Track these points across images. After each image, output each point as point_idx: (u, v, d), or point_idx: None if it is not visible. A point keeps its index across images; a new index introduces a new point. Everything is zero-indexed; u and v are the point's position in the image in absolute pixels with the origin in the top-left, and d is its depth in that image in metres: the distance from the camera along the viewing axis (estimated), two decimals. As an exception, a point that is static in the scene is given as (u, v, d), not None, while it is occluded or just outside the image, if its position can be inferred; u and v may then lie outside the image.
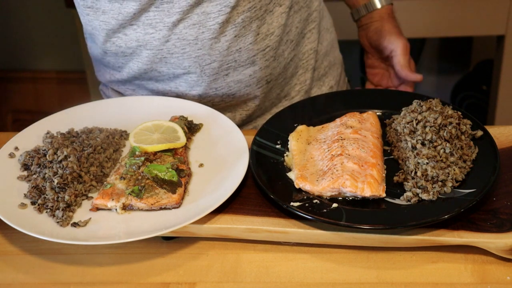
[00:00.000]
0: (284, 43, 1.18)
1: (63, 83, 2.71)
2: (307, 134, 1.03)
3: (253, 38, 1.12)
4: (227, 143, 1.03)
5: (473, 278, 0.85)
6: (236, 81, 1.15)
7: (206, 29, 1.09)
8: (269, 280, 0.86)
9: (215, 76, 1.14)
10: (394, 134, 1.03)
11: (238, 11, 1.09)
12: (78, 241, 0.86)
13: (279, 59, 1.18)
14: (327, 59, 1.31)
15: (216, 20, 1.08)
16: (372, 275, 0.86)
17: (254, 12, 1.10)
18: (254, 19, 1.11)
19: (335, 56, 1.34)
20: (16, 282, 0.88)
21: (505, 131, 1.05)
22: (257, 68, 1.15)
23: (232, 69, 1.14)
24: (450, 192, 0.91)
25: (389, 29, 1.26)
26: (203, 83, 1.13)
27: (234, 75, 1.15)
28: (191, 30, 1.09)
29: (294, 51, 1.21)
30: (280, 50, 1.18)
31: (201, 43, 1.10)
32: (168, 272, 0.89)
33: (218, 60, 1.12)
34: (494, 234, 0.86)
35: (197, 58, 1.11)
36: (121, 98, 1.19)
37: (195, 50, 1.10)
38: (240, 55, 1.13)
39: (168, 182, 0.94)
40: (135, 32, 1.11)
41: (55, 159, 0.97)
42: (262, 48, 1.14)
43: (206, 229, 0.91)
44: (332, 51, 1.32)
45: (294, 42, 1.20)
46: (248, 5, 1.09)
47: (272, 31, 1.14)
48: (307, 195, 0.92)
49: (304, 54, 1.24)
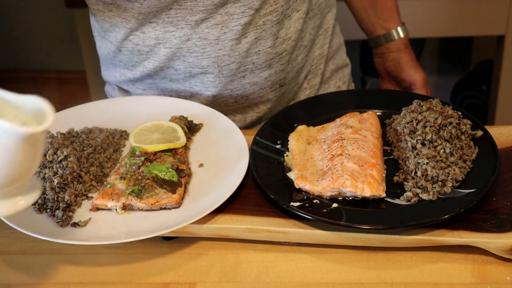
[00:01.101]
0: (298, 48, 1.19)
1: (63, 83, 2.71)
2: (307, 134, 1.03)
3: (272, 42, 1.13)
4: (227, 143, 1.03)
5: (473, 278, 0.85)
6: (251, 83, 1.16)
7: (228, 30, 1.09)
8: (269, 280, 0.86)
9: (232, 77, 1.14)
10: (394, 134, 1.03)
11: (260, 14, 1.09)
12: (78, 241, 0.86)
13: (293, 64, 1.19)
14: (334, 63, 1.31)
15: (239, 21, 1.08)
16: (372, 275, 0.86)
17: (276, 16, 1.11)
18: (275, 23, 1.12)
19: (342, 59, 1.35)
20: (16, 282, 0.88)
21: (505, 131, 1.05)
22: (273, 71, 1.16)
23: (249, 71, 1.14)
24: (450, 192, 0.91)
25: (407, 61, 1.30)
26: (219, 84, 1.14)
27: (250, 77, 1.15)
28: (214, 30, 1.09)
29: (307, 56, 1.22)
30: (294, 55, 1.18)
31: (222, 43, 1.10)
32: (168, 272, 0.89)
33: (236, 62, 1.12)
34: (494, 234, 0.86)
35: (217, 58, 1.11)
36: (121, 98, 1.19)
37: (215, 50, 1.11)
38: (258, 57, 1.13)
39: (168, 182, 0.94)
40: (154, 30, 1.10)
41: (55, 159, 0.97)
42: (279, 52, 1.15)
43: (206, 229, 0.91)
44: (339, 55, 1.33)
45: (307, 48, 1.21)
46: (270, 8, 1.10)
47: (290, 36, 1.15)
48: (307, 195, 0.92)
49: (314, 60, 1.25)
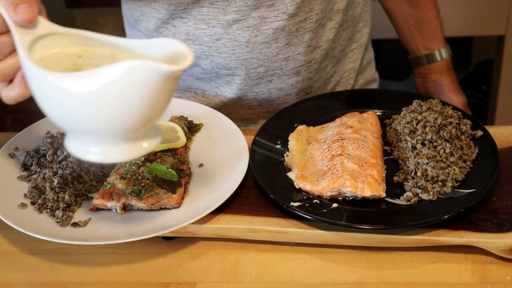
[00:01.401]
0: (328, 58, 1.19)
1: (63, 83, 2.71)
2: (307, 134, 1.03)
3: (303, 49, 1.13)
4: (227, 143, 1.03)
5: (473, 278, 0.85)
6: (277, 88, 1.16)
7: (259, 33, 1.08)
8: (269, 280, 0.86)
9: (258, 80, 1.14)
10: (394, 134, 1.03)
11: (294, 21, 1.09)
12: (78, 241, 0.86)
13: (321, 73, 1.19)
14: (364, 77, 1.31)
15: (271, 25, 1.08)
16: (372, 275, 0.86)
17: (309, 24, 1.11)
18: (308, 31, 1.11)
19: (371, 74, 1.34)
20: (16, 282, 0.88)
21: (505, 131, 1.05)
22: (300, 78, 1.16)
23: (277, 76, 1.14)
24: (450, 192, 0.91)
25: (448, 84, 1.28)
26: (245, 86, 1.13)
27: (277, 83, 1.15)
28: (245, 32, 1.09)
29: (335, 67, 1.22)
30: (324, 65, 1.18)
31: (252, 46, 1.10)
32: (168, 272, 0.89)
33: (265, 66, 1.12)
34: (494, 234, 0.86)
35: (245, 60, 1.11)
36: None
37: (245, 53, 1.10)
38: (287, 63, 1.13)
39: (168, 182, 0.94)
40: (185, 25, 1.10)
41: (55, 159, 0.97)
42: (308, 60, 1.15)
43: (206, 229, 0.91)
44: (368, 69, 1.33)
45: (336, 59, 1.21)
46: (305, 16, 1.10)
47: (320, 45, 1.15)
48: (307, 195, 0.92)
49: (345, 73, 1.25)
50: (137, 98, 0.66)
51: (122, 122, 0.68)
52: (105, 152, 0.73)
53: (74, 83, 0.66)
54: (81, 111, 0.68)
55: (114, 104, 0.66)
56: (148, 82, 0.65)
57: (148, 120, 0.71)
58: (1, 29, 0.71)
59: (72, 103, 0.68)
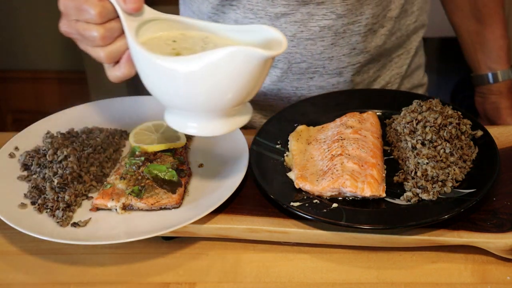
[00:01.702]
0: (373, 62, 1.18)
1: (63, 83, 2.71)
2: (307, 134, 1.03)
3: (348, 51, 1.13)
4: (227, 143, 1.03)
5: (473, 278, 0.85)
6: (318, 86, 1.16)
7: (306, 29, 1.09)
8: (269, 280, 0.86)
9: (300, 76, 1.14)
10: (394, 134, 1.03)
11: (343, 22, 1.09)
12: (78, 241, 0.86)
13: (364, 76, 1.19)
14: (410, 82, 1.29)
15: (318, 23, 1.08)
16: (372, 275, 0.86)
17: (358, 27, 1.11)
18: (356, 34, 1.11)
19: (419, 79, 1.32)
20: (16, 282, 0.88)
21: (505, 131, 1.05)
22: (342, 79, 1.16)
23: (319, 74, 1.14)
24: (450, 192, 0.91)
25: (506, 107, 1.26)
26: (286, 79, 1.13)
27: (318, 81, 1.15)
28: (292, 26, 1.09)
29: (379, 71, 1.21)
30: (367, 68, 1.18)
31: (297, 41, 1.10)
32: (168, 272, 0.89)
33: (308, 62, 1.12)
34: (494, 234, 0.86)
35: (288, 54, 1.11)
36: (121, 98, 1.19)
37: (289, 47, 1.11)
38: (330, 63, 1.13)
39: (168, 182, 0.94)
40: (235, 12, 1.11)
41: (55, 159, 0.97)
42: (353, 63, 1.15)
43: (206, 229, 0.91)
44: (416, 74, 1.31)
45: (381, 63, 1.20)
46: (355, 18, 1.10)
47: (368, 50, 1.15)
48: (307, 195, 0.92)
49: (391, 78, 1.24)
50: (235, 80, 0.74)
51: (220, 101, 0.77)
52: (202, 127, 0.81)
53: (180, 66, 0.74)
54: (184, 90, 0.76)
55: (215, 85, 0.75)
56: (246, 65, 0.73)
57: (243, 99, 0.79)
58: (112, 16, 0.79)
59: (176, 84, 0.76)
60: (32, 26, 2.60)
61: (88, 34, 0.79)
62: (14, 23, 2.60)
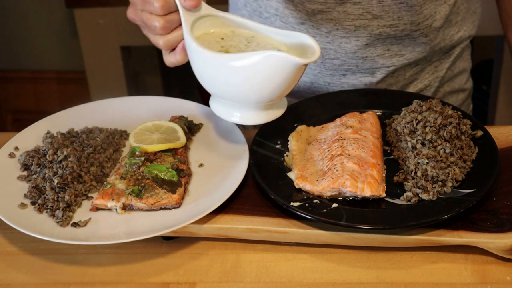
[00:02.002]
0: (410, 66, 1.18)
1: (63, 83, 2.71)
2: (307, 134, 1.03)
3: (382, 52, 1.13)
4: (227, 143, 1.03)
5: (473, 278, 0.85)
6: (350, 84, 1.17)
7: (341, 28, 1.10)
8: (269, 280, 0.86)
9: (332, 72, 1.15)
10: (394, 134, 1.03)
11: (379, 24, 1.10)
12: (78, 241, 0.86)
13: (399, 78, 1.18)
14: (451, 85, 1.27)
15: (353, 22, 1.09)
16: (372, 275, 0.86)
17: (394, 31, 1.11)
18: (391, 37, 1.12)
19: (460, 84, 1.30)
20: (16, 282, 0.88)
21: (505, 131, 1.05)
22: (375, 80, 1.16)
23: (351, 72, 1.15)
24: (450, 192, 0.91)
25: None
26: (319, 74, 1.14)
27: (350, 78, 1.16)
28: (327, 23, 1.10)
29: (417, 75, 1.21)
30: (403, 71, 1.18)
31: (332, 37, 1.11)
32: (168, 272, 0.89)
33: (341, 59, 1.13)
34: (494, 234, 0.86)
35: (323, 49, 1.12)
36: (121, 98, 1.19)
37: (324, 42, 1.12)
38: (363, 62, 1.14)
39: (168, 182, 0.94)
40: (276, 1, 1.13)
41: (55, 159, 0.97)
42: (387, 65, 1.15)
43: (206, 229, 0.91)
44: (459, 79, 1.29)
45: (419, 67, 1.20)
46: (392, 22, 1.10)
47: (404, 54, 1.15)
48: (307, 195, 0.92)
49: (430, 81, 1.23)
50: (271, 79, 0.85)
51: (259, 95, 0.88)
52: (244, 116, 0.93)
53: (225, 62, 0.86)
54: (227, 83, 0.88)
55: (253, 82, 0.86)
56: (281, 68, 0.84)
57: (279, 95, 0.90)
58: (172, 9, 0.89)
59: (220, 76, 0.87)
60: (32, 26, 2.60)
61: (150, 24, 0.88)
62: (14, 23, 2.60)
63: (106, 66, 2.36)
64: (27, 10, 2.57)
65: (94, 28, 2.26)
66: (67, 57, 2.64)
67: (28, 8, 2.56)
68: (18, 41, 2.65)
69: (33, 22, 2.59)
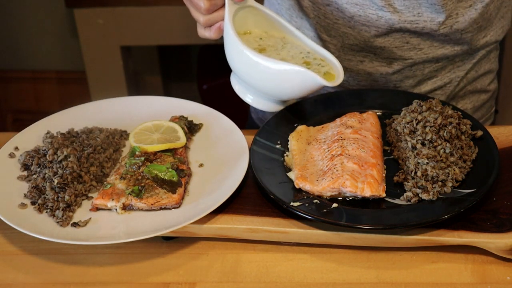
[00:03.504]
0: (429, 62, 1.18)
1: (63, 83, 2.71)
2: (307, 134, 1.03)
3: (401, 45, 1.14)
4: (227, 143, 1.03)
5: (473, 278, 0.85)
6: (367, 72, 1.18)
7: (364, 15, 1.12)
8: (269, 280, 0.86)
9: (351, 57, 1.17)
10: (394, 134, 1.03)
11: (400, 18, 1.10)
12: (78, 241, 0.86)
13: (416, 72, 1.18)
14: (473, 85, 1.26)
15: (376, 12, 1.11)
16: (372, 275, 0.86)
17: (415, 28, 1.11)
18: (411, 32, 1.12)
19: (483, 85, 1.28)
20: (16, 282, 0.88)
21: (505, 131, 1.05)
22: (391, 70, 1.17)
23: (369, 59, 1.16)
24: (450, 192, 0.91)
25: None
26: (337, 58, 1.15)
27: (368, 66, 1.17)
28: (352, 8, 1.12)
29: (437, 72, 1.20)
30: (421, 66, 1.18)
31: (354, 23, 1.13)
32: (168, 272, 0.89)
33: (360, 45, 1.15)
34: (494, 234, 0.86)
35: (343, 34, 1.15)
36: (121, 98, 1.19)
37: (346, 27, 1.14)
38: (382, 51, 1.15)
39: (168, 182, 0.94)
40: None
41: (55, 159, 0.97)
42: (404, 57, 1.15)
43: (206, 229, 0.91)
44: (482, 80, 1.27)
45: (440, 64, 1.19)
46: (412, 18, 1.10)
47: (422, 48, 1.15)
48: (307, 195, 0.92)
49: (451, 80, 1.22)
50: (294, 88, 0.97)
51: (277, 94, 1.01)
52: (257, 101, 1.03)
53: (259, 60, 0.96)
54: (253, 74, 0.99)
55: (279, 84, 0.98)
56: (307, 84, 0.95)
57: (292, 98, 1.04)
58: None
59: (248, 67, 0.98)
60: (32, 26, 2.60)
61: (196, 3, 0.97)
62: (14, 23, 2.60)
63: (106, 66, 2.36)
64: (27, 10, 2.57)
65: (94, 28, 2.26)
66: (67, 57, 2.64)
67: (28, 8, 2.56)
68: (18, 41, 2.65)
69: (33, 22, 2.59)
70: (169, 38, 2.32)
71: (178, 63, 2.76)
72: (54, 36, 2.60)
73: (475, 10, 1.13)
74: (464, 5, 1.12)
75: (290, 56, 1.03)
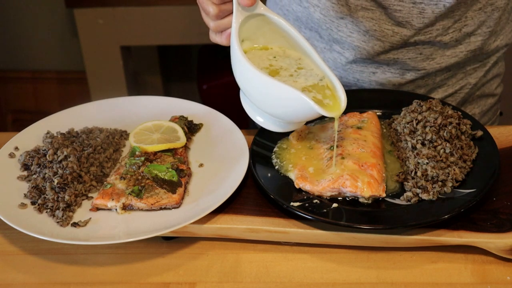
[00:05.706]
0: (441, 71, 1.18)
1: (63, 83, 2.71)
2: (307, 134, 1.03)
3: (414, 56, 1.14)
4: (227, 143, 1.03)
5: (473, 278, 0.85)
6: (379, 83, 1.18)
7: (379, 30, 1.12)
8: (269, 280, 0.86)
9: (363, 68, 1.17)
10: (394, 134, 1.03)
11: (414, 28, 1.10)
12: (78, 241, 0.86)
13: (428, 81, 1.19)
14: (481, 90, 1.27)
15: (392, 27, 1.10)
16: (372, 275, 0.86)
17: (430, 38, 1.12)
18: (425, 43, 1.12)
19: (490, 89, 1.29)
20: (16, 282, 0.88)
21: (505, 131, 1.05)
22: (403, 81, 1.17)
23: (381, 71, 1.17)
24: (450, 192, 0.91)
25: None
26: (349, 69, 1.15)
27: (380, 77, 1.17)
28: (368, 22, 1.12)
29: (448, 80, 1.21)
30: (434, 74, 1.18)
31: (368, 37, 1.13)
32: (168, 272, 0.89)
33: (373, 59, 1.15)
34: (494, 234, 0.86)
35: (357, 47, 1.15)
36: (121, 98, 1.19)
37: (359, 40, 1.14)
38: (394, 63, 1.15)
39: (168, 182, 0.94)
40: None
41: (55, 159, 0.97)
42: (417, 68, 1.16)
43: (206, 229, 0.91)
44: (490, 84, 1.28)
45: (451, 73, 1.20)
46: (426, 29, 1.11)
47: (435, 57, 1.15)
48: (307, 195, 0.92)
49: (462, 87, 1.22)
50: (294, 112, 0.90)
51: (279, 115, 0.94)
52: (265, 123, 0.97)
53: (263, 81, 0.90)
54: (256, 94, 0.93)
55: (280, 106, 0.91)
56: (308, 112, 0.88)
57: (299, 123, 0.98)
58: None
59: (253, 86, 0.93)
60: (32, 26, 2.60)
61: (205, 8, 0.95)
62: (14, 23, 2.60)
63: (106, 66, 2.36)
64: (27, 10, 2.57)
65: (94, 28, 2.26)
66: (67, 57, 2.64)
67: (28, 8, 2.56)
68: (18, 41, 2.65)
69: (33, 22, 2.59)
70: (169, 38, 2.32)
71: (178, 63, 2.76)
72: (54, 36, 2.61)
73: (484, 13, 1.13)
74: (474, 8, 1.12)
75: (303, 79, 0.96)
